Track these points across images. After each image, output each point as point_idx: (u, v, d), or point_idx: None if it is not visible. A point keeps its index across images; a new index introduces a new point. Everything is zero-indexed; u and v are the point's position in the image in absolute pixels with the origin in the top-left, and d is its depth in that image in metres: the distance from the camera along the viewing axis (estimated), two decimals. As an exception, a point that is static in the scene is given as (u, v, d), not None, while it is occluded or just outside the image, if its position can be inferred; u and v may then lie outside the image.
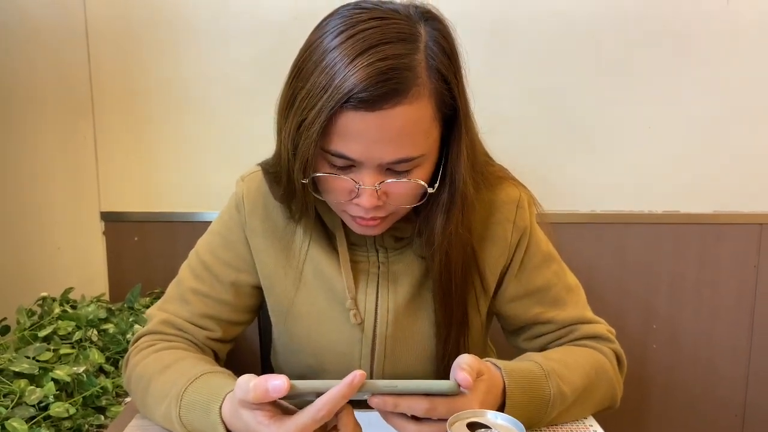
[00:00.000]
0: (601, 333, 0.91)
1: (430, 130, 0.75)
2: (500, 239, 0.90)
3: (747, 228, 1.59)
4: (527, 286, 0.92)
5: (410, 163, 0.75)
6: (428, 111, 0.73)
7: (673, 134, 1.55)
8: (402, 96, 0.70)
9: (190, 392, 0.75)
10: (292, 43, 1.00)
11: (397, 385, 0.64)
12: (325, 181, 0.78)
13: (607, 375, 0.87)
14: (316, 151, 0.73)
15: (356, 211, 0.78)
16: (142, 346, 0.89)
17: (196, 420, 0.74)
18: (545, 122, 1.54)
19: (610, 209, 1.58)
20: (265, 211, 0.91)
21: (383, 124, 0.70)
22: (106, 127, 1.54)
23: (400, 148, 0.73)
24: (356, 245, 0.91)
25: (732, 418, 1.68)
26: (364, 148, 0.72)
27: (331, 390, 0.62)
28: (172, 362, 0.83)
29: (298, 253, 0.91)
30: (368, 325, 0.90)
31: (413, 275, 0.90)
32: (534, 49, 1.50)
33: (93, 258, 1.57)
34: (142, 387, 0.83)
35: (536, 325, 0.93)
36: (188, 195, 1.56)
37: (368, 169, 0.74)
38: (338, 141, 0.72)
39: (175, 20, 1.49)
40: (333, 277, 0.90)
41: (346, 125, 0.71)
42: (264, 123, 0.83)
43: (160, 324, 0.91)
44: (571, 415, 0.83)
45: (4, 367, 1.00)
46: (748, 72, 1.52)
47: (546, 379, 0.78)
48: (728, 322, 1.64)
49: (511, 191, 0.91)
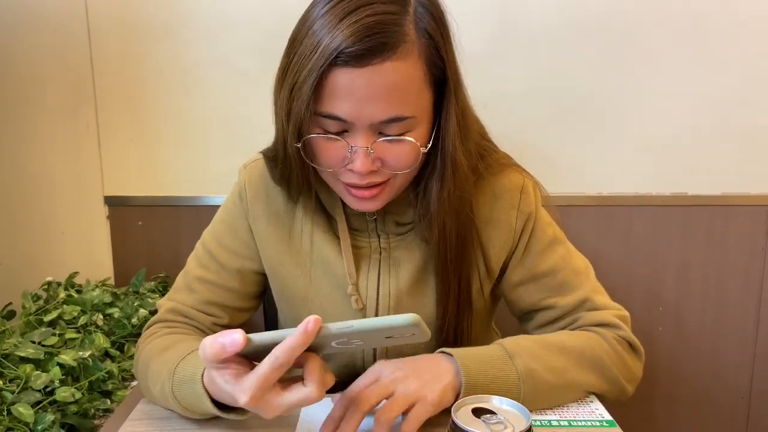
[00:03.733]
0: (607, 320, 0.89)
1: (422, 92, 0.75)
2: (505, 224, 0.90)
3: (755, 210, 1.58)
4: (532, 270, 0.91)
5: (402, 123, 0.74)
6: (418, 71, 0.73)
7: (681, 115, 1.53)
8: (390, 51, 0.70)
9: (180, 367, 0.75)
10: (294, 26, 1.00)
11: (353, 324, 0.62)
12: (318, 147, 0.77)
13: (599, 358, 0.85)
14: (309, 115, 0.72)
15: (351, 178, 0.77)
16: (149, 334, 0.90)
17: (186, 393, 0.74)
18: (552, 104, 1.52)
19: (617, 191, 1.57)
20: (267, 198, 0.92)
21: (373, 80, 0.70)
22: (109, 111, 1.53)
23: (390, 106, 0.72)
24: (358, 230, 0.90)
25: (738, 400, 1.68)
26: (355, 106, 0.71)
27: (289, 338, 0.61)
28: (171, 344, 0.84)
29: (300, 239, 0.91)
30: (370, 311, 0.90)
31: (415, 260, 0.89)
32: (541, 30, 1.48)
33: (97, 242, 1.57)
34: (143, 370, 0.84)
35: (541, 311, 0.92)
36: (191, 179, 1.56)
37: (360, 130, 0.73)
38: (329, 101, 0.72)
39: (176, 5, 1.47)
40: (335, 262, 0.89)
41: (336, 83, 0.70)
42: (266, 106, 0.82)
43: (167, 312, 0.92)
44: (565, 394, 0.82)
45: (10, 352, 1.00)
46: (757, 53, 1.50)
47: (510, 359, 0.78)
48: (735, 304, 1.63)
49: (515, 177, 0.91)
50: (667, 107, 1.53)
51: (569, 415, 0.80)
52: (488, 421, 0.62)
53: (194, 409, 0.75)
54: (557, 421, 0.79)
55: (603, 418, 0.80)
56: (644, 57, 1.50)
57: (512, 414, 0.63)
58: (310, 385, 0.63)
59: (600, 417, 0.80)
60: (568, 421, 0.79)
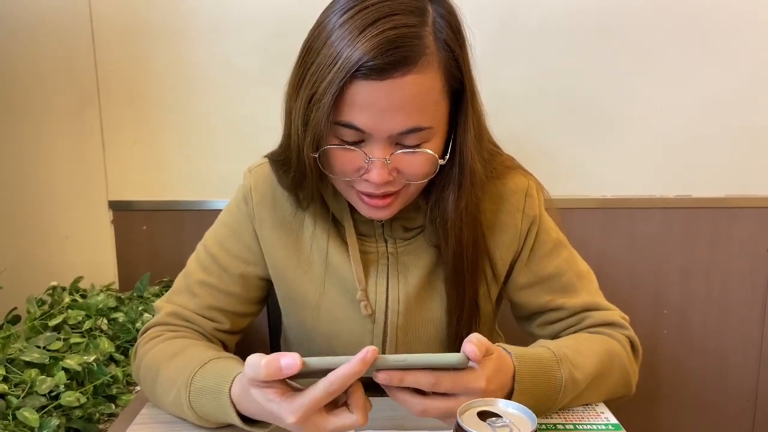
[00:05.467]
0: (615, 320, 0.91)
1: (439, 102, 0.75)
2: (510, 228, 0.90)
3: (760, 212, 1.57)
4: (538, 273, 0.92)
5: (420, 134, 0.74)
6: (437, 82, 0.74)
7: (685, 117, 1.53)
8: (411, 64, 0.70)
9: (199, 377, 0.75)
10: (298, 28, 0.99)
11: (407, 358, 0.65)
12: (334, 157, 0.77)
13: (621, 362, 0.86)
14: (327, 125, 0.72)
15: (366, 187, 0.78)
16: (150, 337, 0.88)
17: (207, 404, 0.74)
18: (555, 106, 1.52)
19: (621, 194, 1.57)
20: (273, 202, 0.91)
21: (393, 93, 0.70)
22: (113, 115, 1.53)
23: (409, 117, 0.72)
24: (365, 236, 0.90)
25: (744, 403, 1.67)
26: (374, 117, 0.72)
27: (345, 365, 0.62)
28: (180, 350, 0.83)
29: (308, 244, 0.91)
30: (379, 316, 0.90)
31: (423, 265, 0.89)
32: (544, 32, 1.48)
33: (102, 247, 1.57)
34: (151, 376, 0.83)
35: (547, 312, 0.93)
36: (196, 183, 1.56)
37: (378, 141, 0.74)
38: (348, 112, 0.72)
39: (180, 7, 1.48)
40: (343, 268, 0.89)
41: (356, 95, 0.71)
42: (270, 110, 0.82)
43: (167, 316, 0.91)
44: (583, 400, 0.83)
45: (15, 357, 1.01)
46: (761, 54, 1.50)
47: (558, 364, 0.77)
48: (740, 307, 1.62)
49: (519, 180, 0.91)
50: (672, 109, 1.52)
51: (575, 418, 0.80)
52: (494, 425, 0.61)
53: (212, 419, 0.75)
54: (563, 425, 0.78)
55: (609, 421, 0.80)
56: (648, 58, 1.50)
57: (518, 417, 0.63)
58: (357, 413, 0.65)
59: (606, 420, 0.80)
60: (574, 424, 0.78)
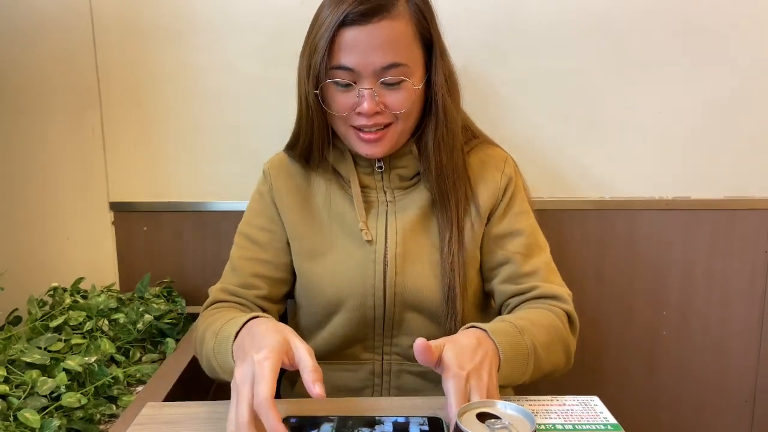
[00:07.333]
0: (560, 294, 1.02)
1: (412, 45, 0.95)
2: (491, 182, 1.07)
3: (759, 213, 1.58)
4: (509, 227, 1.06)
5: (398, 69, 0.93)
6: (409, 28, 0.94)
7: (684, 119, 1.53)
8: (386, 11, 0.91)
9: (226, 326, 0.86)
10: (299, 32, 1.01)
11: None
12: (332, 96, 0.97)
13: (561, 334, 0.97)
14: (325, 68, 0.92)
15: (360, 120, 0.96)
16: (207, 315, 0.99)
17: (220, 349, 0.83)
18: (553, 107, 1.52)
19: (619, 195, 1.57)
20: (288, 174, 1.10)
21: (373, 34, 0.91)
22: (114, 117, 1.54)
23: (387, 54, 0.92)
24: (367, 187, 1.07)
25: (742, 404, 1.68)
26: (360, 56, 0.92)
27: None
28: (222, 316, 0.93)
29: (318, 204, 1.07)
30: (379, 246, 1.03)
31: (419, 206, 1.05)
32: (543, 34, 1.49)
33: (102, 248, 1.57)
34: (201, 343, 0.94)
35: (508, 264, 1.05)
36: (196, 184, 1.56)
37: (366, 78, 0.93)
38: (340, 55, 0.92)
39: (181, 9, 1.48)
40: (348, 214, 1.05)
41: (344, 41, 0.92)
42: (270, 112, 0.83)
43: (218, 293, 1.04)
44: (540, 370, 0.90)
45: (16, 358, 1.01)
46: (760, 56, 1.50)
47: (521, 334, 0.87)
48: (739, 309, 1.62)
49: (500, 152, 1.12)
50: (670, 110, 1.53)
51: (574, 419, 0.80)
52: (493, 426, 0.62)
53: (227, 369, 0.82)
54: (562, 425, 0.79)
55: (608, 421, 0.80)
56: (648, 59, 1.50)
57: (517, 419, 0.64)
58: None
59: (605, 420, 0.80)
60: (573, 425, 0.79)
